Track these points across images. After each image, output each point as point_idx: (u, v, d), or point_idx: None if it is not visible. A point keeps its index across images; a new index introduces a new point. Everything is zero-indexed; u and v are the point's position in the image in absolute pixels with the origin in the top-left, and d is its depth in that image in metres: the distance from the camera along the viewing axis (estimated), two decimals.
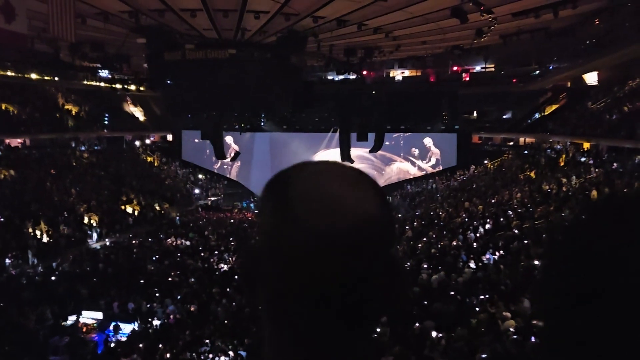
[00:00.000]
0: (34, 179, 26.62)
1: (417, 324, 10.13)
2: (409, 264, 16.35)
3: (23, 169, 27.13)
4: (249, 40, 21.01)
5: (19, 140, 30.85)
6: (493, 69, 36.02)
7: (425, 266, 14.88)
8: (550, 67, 31.23)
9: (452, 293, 12.10)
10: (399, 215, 27.61)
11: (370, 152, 31.39)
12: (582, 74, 29.58)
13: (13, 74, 31.21)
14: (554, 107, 31.90)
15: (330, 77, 36.90)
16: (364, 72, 34.76)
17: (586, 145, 24.81)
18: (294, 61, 21.15)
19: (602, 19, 21.88)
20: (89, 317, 13.21)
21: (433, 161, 35.44)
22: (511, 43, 22.87)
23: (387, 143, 31.43)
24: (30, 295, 14.68)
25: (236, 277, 16.62)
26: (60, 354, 11.28)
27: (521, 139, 33.38)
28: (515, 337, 8.80)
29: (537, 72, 32.47)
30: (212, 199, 35.66)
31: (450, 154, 34.91)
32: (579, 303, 0.58)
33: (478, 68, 36.77)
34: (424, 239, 19.42)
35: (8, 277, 17.01)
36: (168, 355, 10.77)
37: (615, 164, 20.19)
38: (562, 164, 23.96)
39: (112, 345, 11.62)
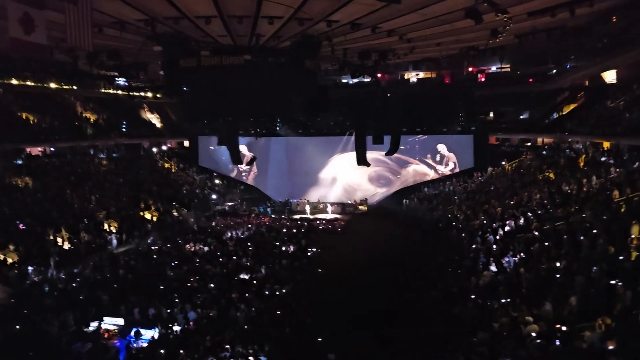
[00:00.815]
0: (55, 187, 27.05)
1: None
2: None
3: (43, 177, 27.60)
4: (264, 46, 21.09)
5: (40, 149, 31.41)
6: (509, 69, 35.66)
7: None
8: (568, 66, 30.81)
9: (473, 297, 11.98)
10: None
11: (386, 155, 31.24)
12: (601, 72, 29.12)
13: (33, 83, 31.82)
14: (572, 106, 31.45)
15: (344, 81, 36.89)
16: (379, 75, 34.68)
17: (606, 145, 24.40)
18: (309, 65, 21.16)
19: (619, 16, 21.51)
20: (111, 323, 13.34)
21: (451, 165, 35.15)
22: (527, 42, 22.60)
23: (402, 147, 31.22)
24: (52, 302, 14.90)
25: (255, 282, 16.66)
26: (83, 359, 11.40)
27: (539, 140, 32.95)
28: (538, 341, 8.66)
29: (554, 71, 32.05)
30: (229, 204, 35.83)
31: (467, 156, 34.60)
32: None
33: (494, 68, 36.47)
34: None
35: (31, 284, 17.28)
36: None
37: (636, 164, 19.79)
38: (581, 164, 23.58)
39: (134, 351, 11.71)
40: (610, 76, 29.21)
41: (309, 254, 21.95)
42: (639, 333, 7.73)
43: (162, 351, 11.35)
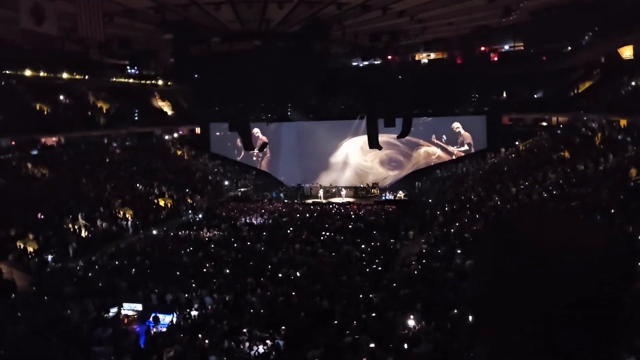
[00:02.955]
0: (70, 176, 27.36)
1: (454, 310, 10.06)
2: (441, 249, 16.21)
3: (59, 167, 27.92)
4: (273, 31, 21.00)
5: (54, 139, 31.72)
6: (522, 48, 35.03)
7: (459, 251, 14.75)
8: (583, 43, 30.17)
9: None
10: (430, 201, 27.36)
11: (398, 137, 31.06)
12: (617, 48, 28.50)
13: (45, 74, 32.04)
14: (588, 84, 30.91)
15: (354, 64, 36.59)
16: (389, 57, 34.35)
17: (623, 123, 24.01)
18: (319, 49, 21.07)
19: None
20: (130, 309, 13.56)
21: (465, 146, 34.81)
22: (541, 19, 22.21)
23: (412, 129, 30.92)
24: (72, 289, 15.17)
25: (270, 266, 16.78)
26: (104, 345, 11.63)
27: (554, 118, 32.47)
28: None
29: (569, 48, 31.41)
30: (242, 190, 35.96)
31: (480, 137, 34.26)
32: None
33: (506, 47, 35.84)
34: (457, 223, 19.21)
35: (51, 272, 17.59)
36: (207, 344, 10.98)
37: None
38: (597, 143, 23.26)
39: (154, 336, 11.91)
40: (627, 52, 28.59)
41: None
42: None
43: (181, 335, 11.52)
